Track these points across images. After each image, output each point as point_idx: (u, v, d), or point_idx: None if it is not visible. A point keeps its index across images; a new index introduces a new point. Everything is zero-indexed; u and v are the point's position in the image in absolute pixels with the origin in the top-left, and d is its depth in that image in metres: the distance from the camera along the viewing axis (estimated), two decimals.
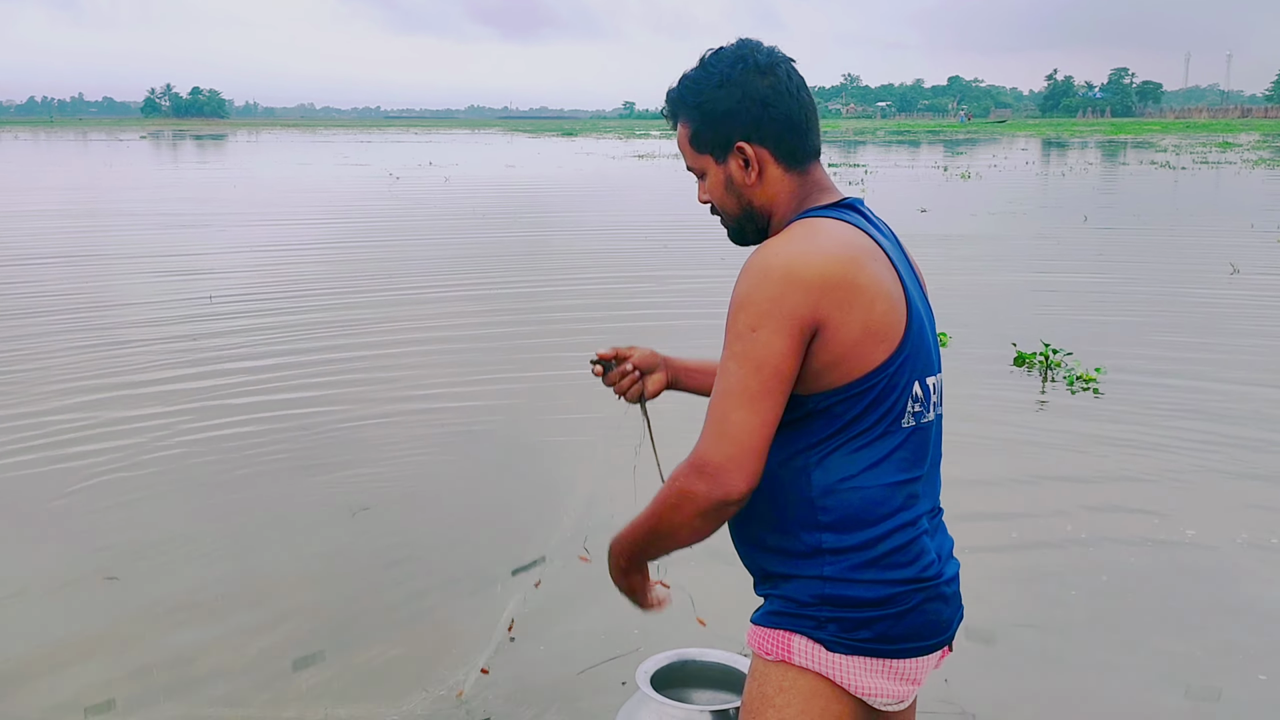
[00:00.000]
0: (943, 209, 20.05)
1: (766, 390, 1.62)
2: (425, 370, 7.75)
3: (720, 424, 1.63)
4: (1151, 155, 42.47)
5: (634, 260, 13.55)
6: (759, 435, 1.62)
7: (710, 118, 1.81)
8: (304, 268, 12.97)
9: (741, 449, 1.62)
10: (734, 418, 1.62)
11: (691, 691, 2.62)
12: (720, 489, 1.62)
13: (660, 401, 2.16)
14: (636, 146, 57.85)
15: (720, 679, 2.60)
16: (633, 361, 2.12)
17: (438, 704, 3.38)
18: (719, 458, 1.62)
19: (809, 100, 1.82)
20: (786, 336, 1.62)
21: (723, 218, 1.90)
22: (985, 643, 3.69)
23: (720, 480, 1.62)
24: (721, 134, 1.81)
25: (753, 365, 1.63)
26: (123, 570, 4.37)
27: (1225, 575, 4.37)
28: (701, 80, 1.81)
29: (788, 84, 1.79)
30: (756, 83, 1.77)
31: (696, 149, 1.86)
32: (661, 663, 2.54)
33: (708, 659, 2.59)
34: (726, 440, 1.62)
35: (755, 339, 1.63)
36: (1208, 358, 8.06)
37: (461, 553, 4.60)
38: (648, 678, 2.45)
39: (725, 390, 1.64)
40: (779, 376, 1.63)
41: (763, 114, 1.78)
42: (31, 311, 9.88)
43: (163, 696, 3.43)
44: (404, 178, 31.61)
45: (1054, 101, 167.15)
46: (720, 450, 1.62)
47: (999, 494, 5.24)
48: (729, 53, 1.81)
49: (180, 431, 6.18)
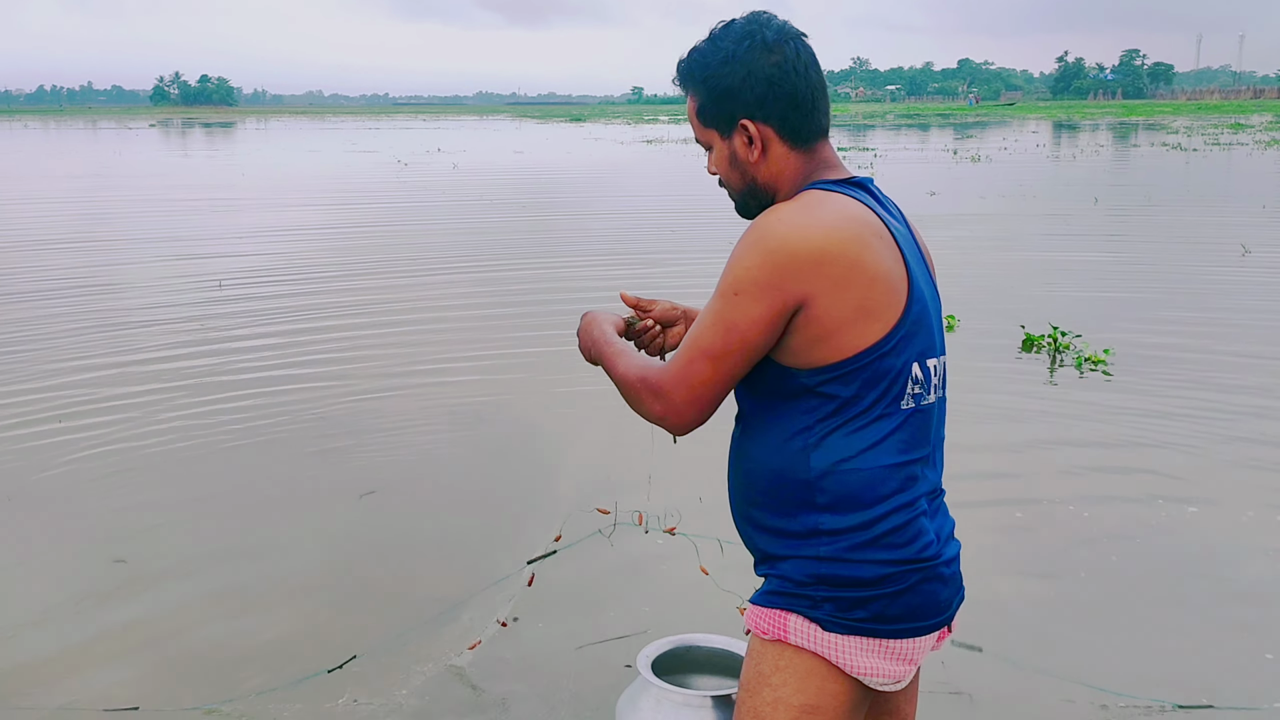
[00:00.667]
0: (952, 192, 19.97)
1: (729, 352, 1.70)
2: (432, 350, 7.75)
3: (686, 367, 1.73)
4: (1163, 137, 42.22)
5: (641, 244, 13.52)
6: (715, 389, 1.73)
7: (715, 94, 1.80)
8: (312, 253, 12.97)
9: (696, 396, 1.73)
10: (696, 367, 1.72)
11: (693, 677, 2.63)
12: (669, 419, 1.77)
13: None
14: (645, 131, 57.71)
15: (723, 664, 2.61)
16: (654, 315, 2.14)
17: (446, 679, 3.40)
18: (676, 397, 1.74)
19: (817, 79, 1.80)
20: (766, 307, 1.66)
21: (729, 191, 1.90)
22: (982, 626, 3.68)
23: (671, 412, 1.76)
24: (726, 110, 1.80)
25: (724, 326, 1.69)
26: (130, 554, 4.40)
27: (1233, 555, 4.36)
28: (708, 55, 1.80)
29: (795, 62, 1.76)
30: (762, 60, 1.75)
31: (703, 122, 1.86)
32: (664, 648, 2.54)
33: (710, 644, 2.60)
34: (685, 386, 1.73)
35: (735, 303, 1.68)
36: (1219, 339, 8.02)
37: (469, 530, 4.61)
38: (649, 662, 2.46)
39: (695, 340, 1.73)
40: (746, 342, 1.69)
41: (767, 92, 1.76)
42: (43, 295, 9.92)
43: (176, 682, 3.44)
44: (412, 164, 31.60)
45: (1065, 84, 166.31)
46: (678, 392, 1.74)
47: (1004, 476, 5.22)
48: (738, 28, 1.79)
49: (187, 414, 6.20)
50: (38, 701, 3.34)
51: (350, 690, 3.38)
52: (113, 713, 3.28)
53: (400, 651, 3.60)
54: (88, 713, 3.29)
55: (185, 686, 3.42)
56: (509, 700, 3.32)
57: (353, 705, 3.31)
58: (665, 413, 1.76)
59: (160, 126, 79.99)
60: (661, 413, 1.76)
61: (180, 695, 3.37)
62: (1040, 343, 7.73)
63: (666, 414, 1.76)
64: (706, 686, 2.63)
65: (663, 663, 2.55)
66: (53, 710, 3.31)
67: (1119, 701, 3.30)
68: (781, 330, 1.68)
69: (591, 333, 2.02)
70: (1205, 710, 3.26)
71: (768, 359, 1.72)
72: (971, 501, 4.53)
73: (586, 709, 3.27)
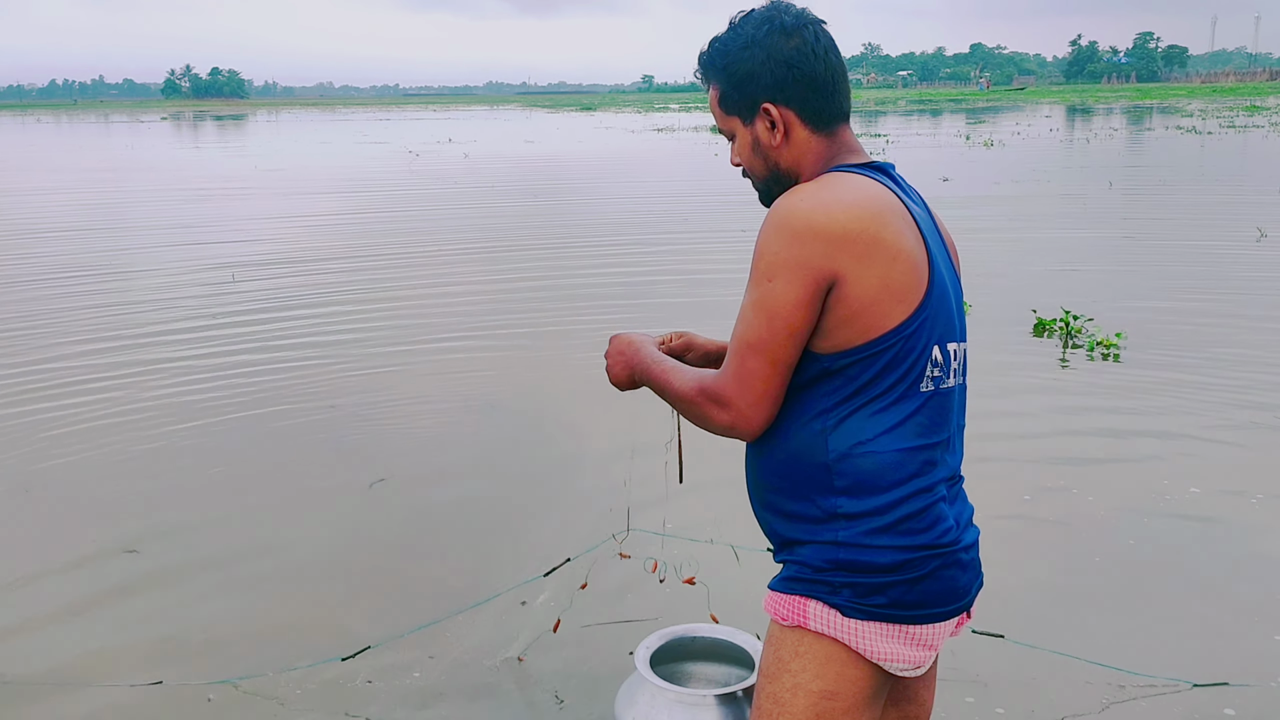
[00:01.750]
0: (966, 177, 19.88)
1: (778, 340, 1.68)
2: (445, 335, 7.76)
3: (740, 368, 1.71)
4: (1177, 120, 41.93)
5: (654, 233, 13.50)
6: (774, 382, 1.71)
7: (736, 79, 1.82)
8: (324, 242, 12.99)
9: (757, 394, 1.71)
10: (750, 365, 1.70)
11: (693, 665, 2.65)
12: (738, 427, 1.75)
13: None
14: (656, 120, 57.61)
15: (724, 653, 2.63)
16: (667, 349, 2.12)
17: (454, 669, 3.41)
18: (738, 400, 1.72)
19: (837, 62, 1.82)
20: (801, 287, 1.65)
21: (752, 180, 1.92)
22: (996, 611, 3.67)
23: (739, 419, 1.73)
24: (747, 95, 1.82)
25: (767, 315, 1.67)
26: (142, 544, 4.43)
27: (1244, 537, 4.34)
28: (729, 42, 1.83)
29: (815, 45, 1.79)
30: (782, 44, 1.78)
31: (725, 111, 1.88)
32: (663, 639, 2.56)
33: (710, 635, 2.62)
34: (744, 385, 1.71)
35: (771, 289, 1.67)
36: (1232, 323, 7.98)
37: (478, 518, 4.62)
38: (648, 657, 2.47)
39: (742, 336, 1.71)
40: (791, 327, 1.67)
41: (787, 75, 1.78)
42: (46, 280, 9.97)
43: (193, 672, 3.47)
44: (423, 155, 31.62)
45: (1078, 67, 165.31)
46: (739, 394, 1.72)
47: (1013, 460, 5.20)
48: (757, 15, 1.82)
49: (193, 399, 6.23)
50: (61, 680, 3.39)
51: (364, 672, 3.42)
52: (138, 688, 3.34)
53: (412, 636, 3.62)
54: (113, 689, 3.34)
55: (202, 667, 3.46)
56: (522, 682, 3.34)
57: (366, 686, 3.34)
58: (733, 420, 1.74)
59: (172, 120, 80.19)
60: (730, 421, 1.74)
61: (198, 674, 3.42)
62: (1052, 327, 7.70)
63: (735, 421, 1.74)
64: (707, 674, 2.65)
65: (665, 653, 2.57)
66: (75, 688, 3.36)
67: (1136, 681, 3.30)
68: (819, 311, 1.67)
69: (631, 356, 1.98)
70: (1221, 688, 3.26)
71: None
72: (980, 486, 4.51)
73: (599, 690, 3.27)
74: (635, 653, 2.45)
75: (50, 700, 3.32)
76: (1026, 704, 3.22)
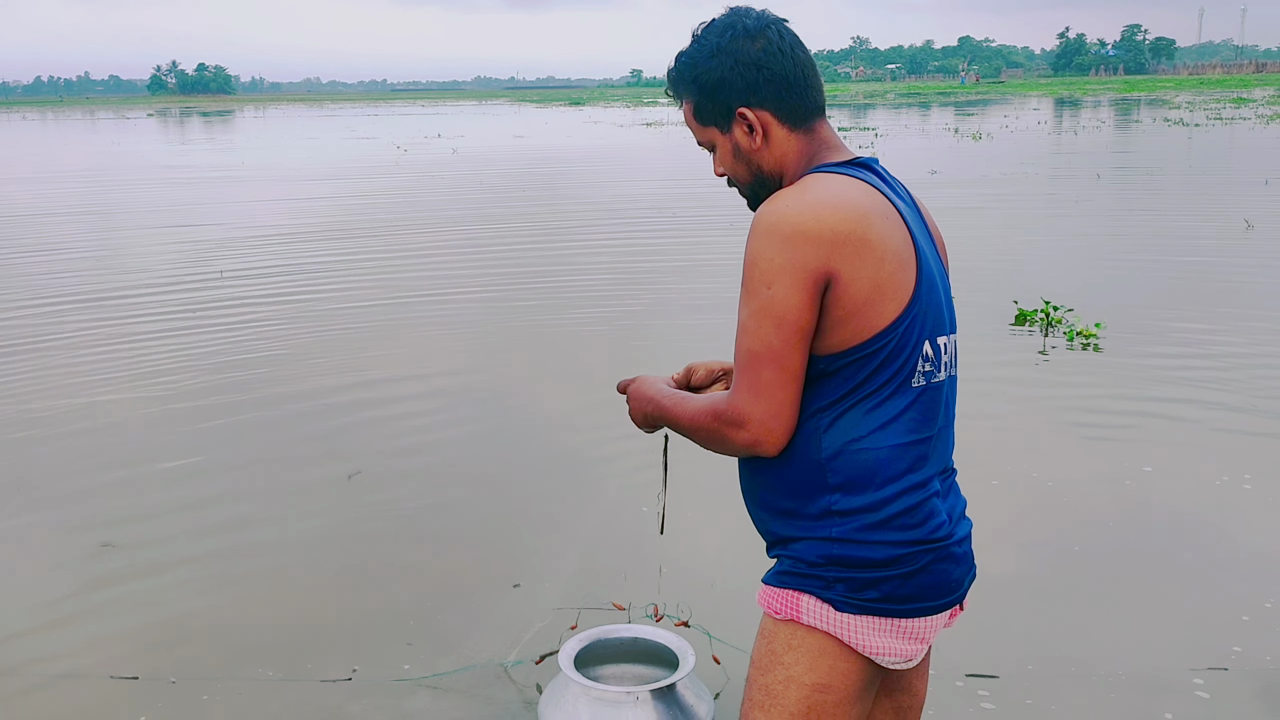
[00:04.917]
0: (954, 170, 19.91)
1: (790, 346, 1.65)
2: (427, 339, 7.76)
3: (753, 381, 1.67)
4: (1165, 112, 42.05)
5: (641, 228, 13.50)
6: (790, 389, 1.68)
7: (707, 89, 1.83)
8: (307, 238, 12.94)
9: (776, 405, 1.68)
10: (764, 376, 1.67)
11: (617, 666, 2.71)
12: (762, 443, 1.70)
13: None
14: (644, 114, 57.52)
15: (649, 653, 2.68)
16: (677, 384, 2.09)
17: (451, 654, 3.42)
18: (758, 415, 1.68)
19: (805, 57, 1.83)
20: (802, 289, 1.64)
21: (739, 187, 1.92)
22: (987, 604, 3.69)
23: (761, 435, 1.69)
24: (720, 102, 1.83)
25: (774, 321, 1.65)
26: (118, 537, 4.43)
27: (1229, 524, 4.38)
28: (695, 54, 1.84)
29: (780, 44, 1.80)
30: (747, 47, 1.79)
31: (701, 122, 1.88)
32: (584, 641, 2.60)
33: (634, 635, 2.68)
34: (760, 398, 1.67)
35: (772, 295, 1.65)
36: (1217, 313, 8.03)
37: (455, 514, 4.64)
38: (572, 656, 2.50)
39: (749, 348, 1.67)
40: (799, 330, 1.65)
41: (757, 76, 1.79)
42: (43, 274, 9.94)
43: (169, 666, 3.47)
44: (411, 150, 31.51)
45: (1066, 60, 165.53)
46: (758, 408, 1.68)
47: (991, 449, 5.21)
48: (719, 23, 1.84)
49: (173, 391, 6.21)
50: (41, 670, 3.41)
51: (351, 661, 3.43)
52: (116, 680, 3.35)
53: (403, 627, 3.62)
54: (89, 679, 3.36)
55: (179, 662, 3.47)
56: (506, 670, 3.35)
57: (352, 674, 3.36)
58: (755, 437, 1.69)
59: (159, 116, 79.76)
60: (751, 439, 1.70)
61: (175, 669, 3.43)
62: (1033, 317, 7.75)
63: (757, 437, 1.69)
64: (634, 675, 2.71)
65: (590, 654, 2.62)
66: (53, 678, 3.37)
67: (1136, 671, 3.32)
68: (819, 313, 1.67)
69: (644, 403, 1.94)
70: (1220, 673, 3.29)
71: None
72: (962, 473, 4.53)
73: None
74: (559, 653, 2.48)
75: (26, 693, 3.32)
76: (1014, 694, 3.23)
